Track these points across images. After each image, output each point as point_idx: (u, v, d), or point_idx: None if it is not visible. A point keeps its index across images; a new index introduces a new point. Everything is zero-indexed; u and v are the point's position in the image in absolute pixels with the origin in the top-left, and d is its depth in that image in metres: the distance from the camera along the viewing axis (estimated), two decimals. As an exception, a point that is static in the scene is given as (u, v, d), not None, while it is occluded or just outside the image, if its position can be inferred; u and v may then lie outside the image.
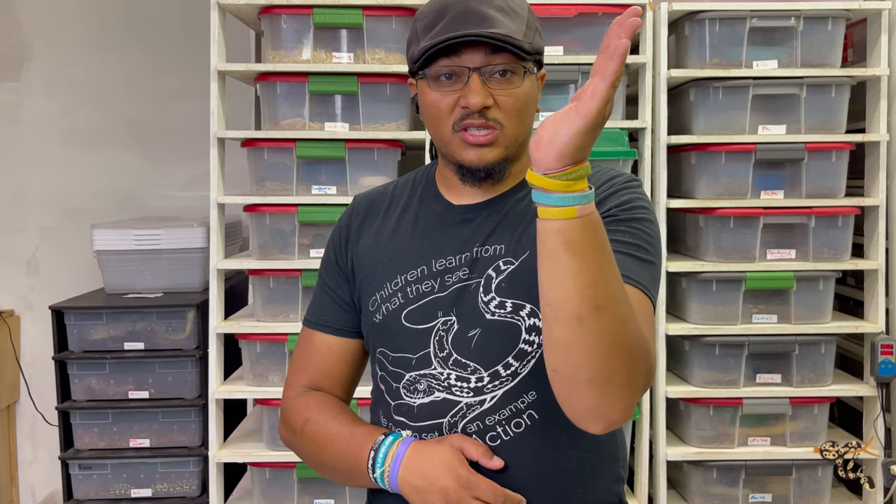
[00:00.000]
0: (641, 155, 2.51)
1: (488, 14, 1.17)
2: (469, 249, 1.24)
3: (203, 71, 2.53)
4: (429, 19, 1.21)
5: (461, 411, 1.21)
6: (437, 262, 1.25)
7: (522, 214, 1.25)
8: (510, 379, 1.20)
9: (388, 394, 1.27)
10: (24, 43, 3.33)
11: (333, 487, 2.52)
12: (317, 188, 2.51)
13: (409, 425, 1.24)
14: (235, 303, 2.81)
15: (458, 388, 1.21)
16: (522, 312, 1.19)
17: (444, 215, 1.28)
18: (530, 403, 1.20)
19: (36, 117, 3.34)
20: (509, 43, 1.15)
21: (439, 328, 1.23)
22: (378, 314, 1.27)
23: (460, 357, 1.21)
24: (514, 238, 1.23)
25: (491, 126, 1.19)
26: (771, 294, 2.53)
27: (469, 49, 1.17)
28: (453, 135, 1.20)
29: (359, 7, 2.45)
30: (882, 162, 2.52)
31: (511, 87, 1.19)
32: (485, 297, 1.21)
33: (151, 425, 2.72)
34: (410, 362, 1.24)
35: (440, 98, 1.20)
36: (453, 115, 1.19)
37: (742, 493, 2.54)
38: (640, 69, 2.53)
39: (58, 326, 2.72)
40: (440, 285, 1.24)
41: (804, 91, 2.49)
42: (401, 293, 1.26)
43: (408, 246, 1.28)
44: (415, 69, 1.23)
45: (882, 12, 2.51)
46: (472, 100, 1.16)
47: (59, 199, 3.34)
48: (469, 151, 1.20)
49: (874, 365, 2.48)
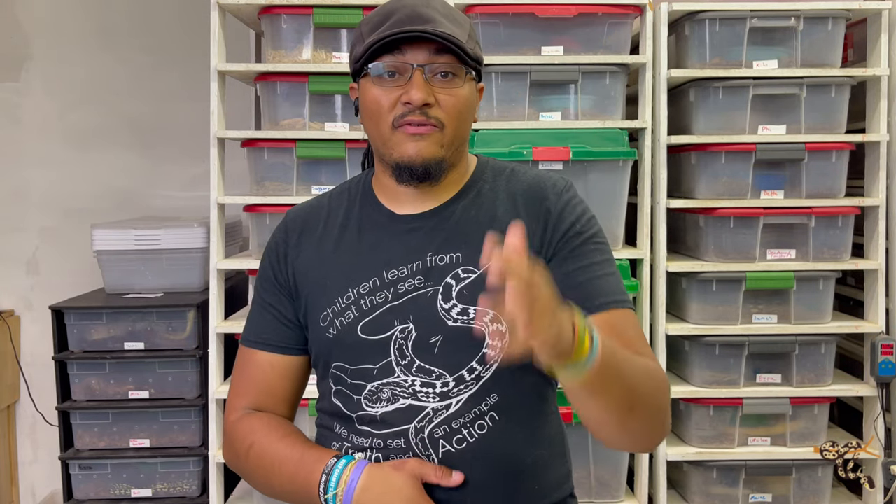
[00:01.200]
0: (641, 155, 2.51)
1: (433, 17, 1.20)
2: (420, 258, 1.25)
3: (203, 71, 2.53)
4: (374, 21, 1.23)
5: (427, 416, 1.21)
6: (388, 273, 1.25)
7: (472, 223, 1.26)
8: (474, 383, 1.21)
9: (346, 408, 1.26)
10: (24, 43, 3.33)
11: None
12: (317, 188, 2.52)
13: (373, 433, 1.24)
14: (235, 303, 2.81)
15: (424, 393, 1.22)
16: (486, 318, 1.19)
17: (390, 225, 1.28)
18: (492, 405, 1.22)
19: (36, 117, 3.34)
20: (453, 43, 1.18)
21: (398, 336, 1.23)
22: (331, 329, 1.26)
23: (424, 364, 1.22)
24: (470, 247, 1.23)
25: (431, 123, 1.20)
26: (771, 294, 2.53)
27: (413, 47, 1.19)
28: (392, 132, 1.21)
29: (359, 7, 2.45)
30: (882, 162, 2.52)
31: (453, 87, 1.21)
32: (445, 304, 1.22)
33: (151, 425, 2.72)
34: (371, 373, 1.24)
35: (382, 94, 1.21)
36: (394, 111, 1.20)
37: (742, 493, 2.54)
38: (640, 69, 2.53)
39: (58, 326, 2.72)
40: (394, 294, 1.24)
41: (804, 91, 2.49)
42: (354, 306, 1.25)
43: (356, 258, 1.28)
44: (357, 67, 1.24)
45: (882, 12, 2.51)
46: (414, 95, 1.18)
47: (59, 199, 3.34)
48: (408, 145, 1.20)
49: (874, 365, 2.48)
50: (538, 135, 2.46)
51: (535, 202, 1.26)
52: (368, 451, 1.24)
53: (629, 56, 2.52)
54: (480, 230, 1.24)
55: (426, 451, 1.21)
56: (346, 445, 1.26)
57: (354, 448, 1.25)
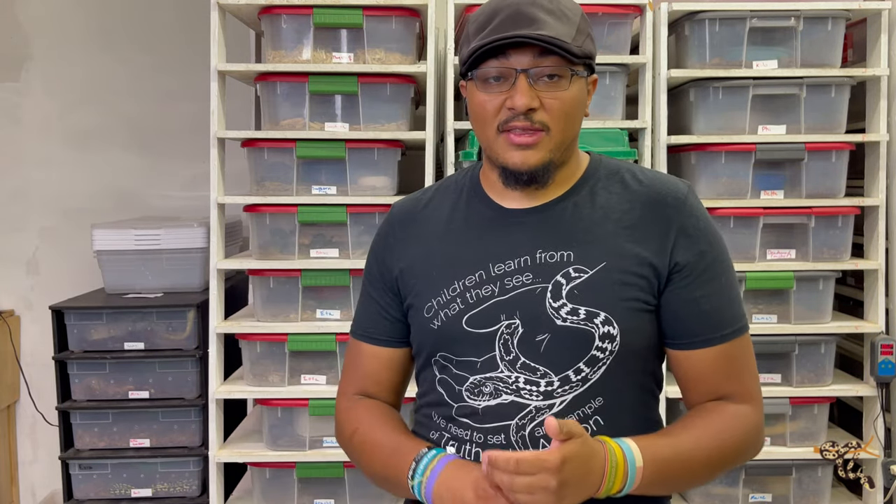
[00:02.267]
0: (641, 155, 2.51)
1: (538, 16, 1.18)
2: (529, 254, 1.24)
3: (203, 71, 2.53)
4: (480, 21, 1.22)
5: (530, 414, 1.21)
6: (495, 266, 1.25)
7: (585, 221, 1.25)
8: (580, 384, 1.21)
9: (449, 396, 1.27)
10: (24, 43, 3.33)
11: (333, 487, 2.52)
12: (317, 188, 2.51)
13: (473, 427, 1.24)
14: (235, 303, 2.81)
15: (528, 391, 1.22)
16: (596, 320, 1.20)
17: (497, 218, 1.28)
18: (597, 409, 1.21)
19: (36, 117, 3.34)
20: (557, 45, 1.16)
21: (503, 332, 1.23)
22: (436, 320, 1.26)
23: (528, 361, 1.22)
24: (582, 247, 1.23)
25: (536, 129, 1.19)
26: (771, 294, 2.53)
27: (517, 51, 1.18)
28: (497, 136, 1.21)
29: (359, 7, 2.45)
30: (882, 162, 2.52)
31: (558, 90, 1.19)
32: (554, 302, 1.21)
33: (151, 425, 2.72)
34: (475, 366, 1.24)
35: (487, 99, 1.20)
36: (499, 116, 1.20)
37: (742, 492, 2.54)
38: (640, 69, 2.53)
39: (58, 326, 2.72)
40: (500, 289, 1.24)
41: (804, 91, 2.49)
42: (460, 298, 1.25)
43: (462, 250, 1.28)
44: (464, 70, 1.24)
45: (882, 12, 2.51)
46: (518, 101, 1.17)
47: (59, 199, 3.34)
48: (513, 153, 1.20)
49: (874, 365, 2.48)
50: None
51: (656, 207, 1.25)
52: (468, 443, 1.24)
53: (629, 56, 2.52)
54: (593, 229, 1.24)
55: (526, 449, 1.21)
56: (446, 436, 1.27)
57: (453, 439, 1.26)
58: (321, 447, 2.50)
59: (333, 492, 2.53)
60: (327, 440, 2.50)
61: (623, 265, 1.22)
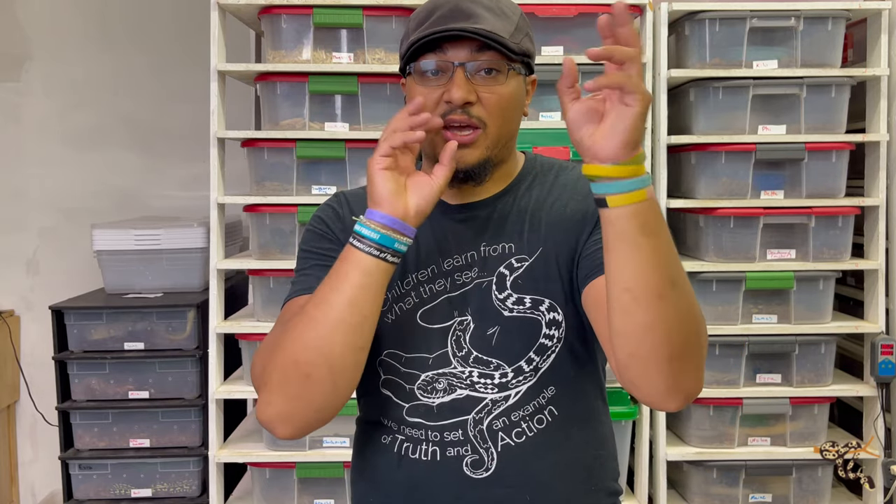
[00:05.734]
0: (641, 155, 2.51)
1: (476, 12, 1.18)
2: (475, 248, 1.25)
3: (203, 71, 2.53)
4: (420, 17, 1.22)
5: (486, 407, 1.21)
6: (445, 262, 1.25)
7: (521, 213, 1.26)
8: (532, 374, 1.22)
9: (398, 397, 1.25)
10: (24, 43, 3.33)
11: (334, 487, 2.52)
12: (317, 188, 2.52)
13: (427, 425, 1.23)
14: (235, 303, 2.81)
15: (482, 384, 1.22)
16: (542, 307, 1.21)
17: (442, 215, 1.27)
18: (550, 399, 1.22)
19: (36, 117, 3.34)
20: (494, 40, 1.16)
21: (456, 328, 1.23)
22: (390, 314, 1.25)
23: (481, 355, 1.22)
24: (520, 237, 1.24)
25: (473, 124, 1.18)
26: (771, 294, 2.53)
27: (454, 45, 1.18)
28: (436, 132, 1.20)
29: (359, 7, 2.45)
30: (882, 162, 2.52)
31: (495, 84, 1.19)
32: (499, 294, 1.22)
33: (151, 425, 2.72)
34: (427, 362, 1.24)
35: (425, 93, 1.20)
36: (437, 110, 1.19)
37: (742, 493, 2.54)
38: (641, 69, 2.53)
39: (58, 326, 2.72)
40: (451, 284, 1.24)
41: (804, 91, 2.49)
42: (414, 292, 1.25)
43: (413, 243, 1.25)
44: (402, 65, 1.25)
45: (882, 12, 2.51)
46: (455, 94, 1.17)
47: (59, 199, 3.34)
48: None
49: (874, 365, 2.48)
50: (538, 135, 2.45)
51: (585, 200, 1.24)
52: (424, 442, 1.23)
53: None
54: (531, 220, 1.25)
55: (485, 443, 1.21)
56: (399, 438, 1.24)
57: (408, 440, 1.24)
58: (321, 447, 2.50)
59: (333, 492, 2.53)
60: (327, 440, 2.50)
61: (558, 250, 1.22)
